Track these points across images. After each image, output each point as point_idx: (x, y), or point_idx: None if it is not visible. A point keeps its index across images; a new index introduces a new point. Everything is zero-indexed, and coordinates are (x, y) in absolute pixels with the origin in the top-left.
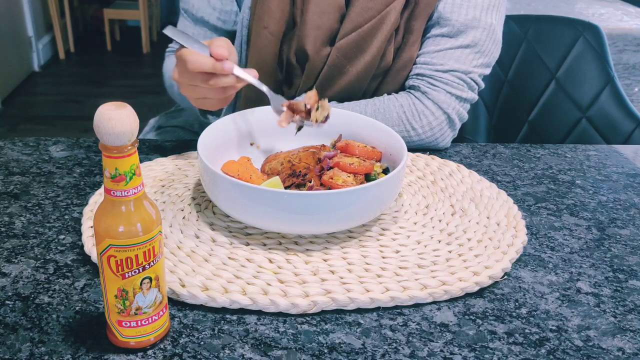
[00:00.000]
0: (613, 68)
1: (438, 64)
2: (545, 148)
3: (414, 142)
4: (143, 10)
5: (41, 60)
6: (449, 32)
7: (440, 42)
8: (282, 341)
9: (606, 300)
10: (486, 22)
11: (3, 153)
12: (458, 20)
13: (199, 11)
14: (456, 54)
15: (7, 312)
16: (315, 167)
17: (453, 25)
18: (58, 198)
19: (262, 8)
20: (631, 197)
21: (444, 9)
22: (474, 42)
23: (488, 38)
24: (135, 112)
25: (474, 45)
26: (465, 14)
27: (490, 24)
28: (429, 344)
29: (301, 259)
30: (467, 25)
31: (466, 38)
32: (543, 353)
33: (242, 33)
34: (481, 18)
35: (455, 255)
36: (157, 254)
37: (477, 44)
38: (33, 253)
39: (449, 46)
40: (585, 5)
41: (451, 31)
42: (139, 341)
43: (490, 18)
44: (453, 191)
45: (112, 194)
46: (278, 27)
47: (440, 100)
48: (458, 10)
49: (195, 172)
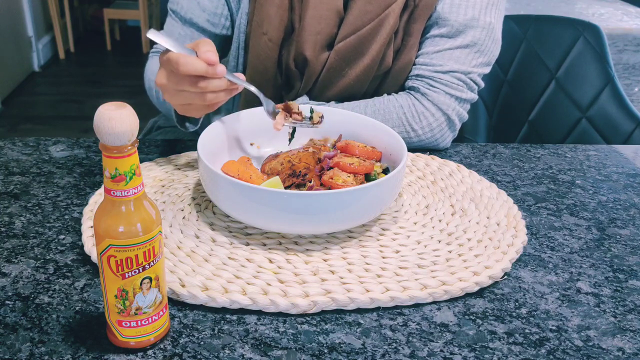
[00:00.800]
0: (613, 68)
1: (437, 64)
2: (545, 148)
3: (413, 143)
4: (143, 10)
5: (41, 60)
6: (448, 32)
7: (439, 43)
8: (282, 341)
9: (606, 300)
10: (485, 22)
11: (3, 153)
12: (457, 20)
13: (187, 12)
14: (455, 54)
15: (7, 312)
16: (315, 167)
17: (452, 25)
18: (58, 198)
19: (261, 14)
20: (631, 197)
21: (443, 9)
22: (473, 41)
23: (487, 37)
24: (135, 112)
25: (473, 44)
26: (464, 13)
27: (490, 22)
28: (429, 344)
29: (301, 259)
30: (466, 25)
31: (465, 38)
32: (543, 353)
33: (240, 39)
34: (480, 17)
35: (455, 255)
36: (157, 254)
37: (477, 44)
38: (33, 253)
39: (448, 46)
40: (585, 5)
41: (450, 31)
42: (139, 341)
43: (490, 17)
44: (453, 191)
45: (112, 194)
46: (277, 34)
47: (439, 102)
48: (457, 10)
49: (195, 172)
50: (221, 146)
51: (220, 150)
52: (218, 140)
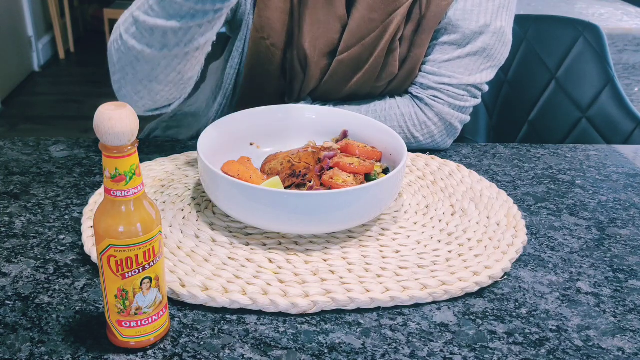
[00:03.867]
0: (613, 68)
1: (445, 75)
2: (545, 148)
3: (413, 147)
4: None
5: (41, 60)
6: (458, 40)
7: (448, 51)
8: (282, 341)
9: (606, 300)
10: (496, 26)
11: (3, 153)
12: (469, 28)
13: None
14: (464, 63)
15: (7, 312)
16: (315, 167)
17: (463, 32)
18: (58, 198)
19: (261, 20)
20: (631, 197)
21: (454, 16)
22: (483, 47)
23: (498, 41)
24: (135, 112)
25: (482, 50)
26: (477, 20)
27: (501, 27)
28: (429, 344)
29: (301, 259)
30: (477, 32)
31: (475, 44)
32: (543, 353)
33: (247, 37)
34: (492, 23)
35: (455, 255)
36: (157, 254)
37: (487, 49)
38: (33, 253)
39: (457, 55)
40: (585, 5)
41: (460, 39)
42: (139, 341)
43: (501, 21)
44: (453, 191)
45: (112, 194)
46: (280, 38)
47: (443, 112)
48: (469, 17)
49: (195, 172)
50: (221, 146)
51: (220, 150)
52: (218, 140)
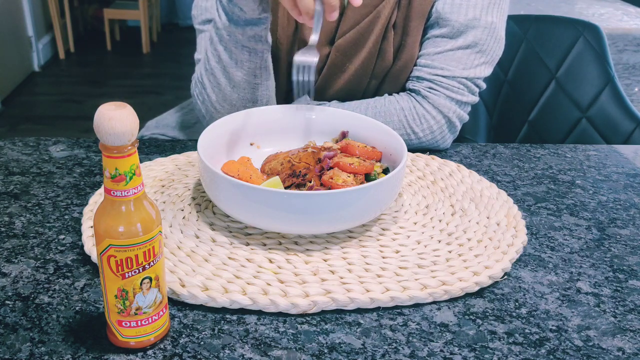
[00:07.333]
0: (613, 68)
1: (438, 67)
2: (545, 148)
3: (414, 145)
4: (143, 10)
5: (41, 60)
6: (448, 32)
7: (440, 44)
8: (282, 341)
9: (606, 300)
10: (487, 21)
11: (3, 153)
12: (458, 20)
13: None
14: (457, 55)
15: (7, 312)
16: (315, 167)
17: (453, 25)
18: (58, 198)
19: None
20: (631, 197)
21: (443, 9)
22: (474, 42)
23: (489, 37)
24: (135, 112)
25: (474, 45)
26: (465, 13)
27: (491, 22)
28: (429, 344)
29: (301, 259)
30: (467, 26)
31: (466, 38)
32: (543, 353)
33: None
34: (481, 17)
35: (455, 255)
36: (157, 254)
37: (478, 44)
38: (33, 253)
39: (449, 47)
40: (585, 5)
41: (451, 32)
42: (139, 341)
43: (491, 16)
44: (453, 191)
45: (112, 194)
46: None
47: (440, 105)
48: (457, 10)
49: (195, 172)
50: (221, 146)
51: (220, 150)
52: (218, 140)
